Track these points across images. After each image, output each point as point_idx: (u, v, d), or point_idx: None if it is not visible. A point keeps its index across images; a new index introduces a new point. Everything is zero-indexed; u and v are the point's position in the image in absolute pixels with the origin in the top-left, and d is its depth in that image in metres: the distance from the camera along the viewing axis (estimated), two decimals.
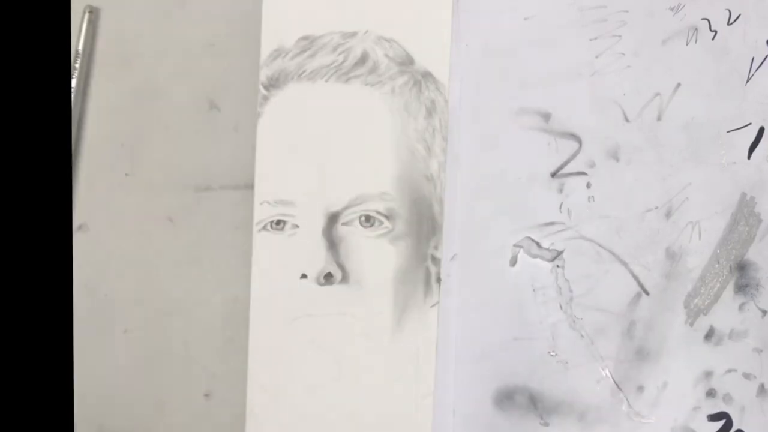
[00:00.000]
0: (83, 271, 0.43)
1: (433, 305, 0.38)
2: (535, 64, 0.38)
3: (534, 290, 0.37)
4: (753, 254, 0.34)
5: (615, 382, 0.35)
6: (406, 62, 0.40)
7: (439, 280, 0.38)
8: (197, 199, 0.43)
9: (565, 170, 0.37)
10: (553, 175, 0.37)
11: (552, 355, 0.36)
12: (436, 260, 0.39)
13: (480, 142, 0.39)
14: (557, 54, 0.38)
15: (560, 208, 0.37)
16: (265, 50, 0.42)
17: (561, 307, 0.36)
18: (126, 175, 0.44)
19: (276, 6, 0.42)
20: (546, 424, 0.35)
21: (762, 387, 0.33)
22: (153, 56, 0.45)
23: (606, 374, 0.35)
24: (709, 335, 0.34)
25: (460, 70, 0.40)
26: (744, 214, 0.35)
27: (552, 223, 0.37)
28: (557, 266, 0.37)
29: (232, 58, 0.43)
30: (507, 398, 0.36)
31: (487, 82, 0.39)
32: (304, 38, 0.41)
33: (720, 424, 0.34)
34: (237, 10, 0.43)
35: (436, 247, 0.39)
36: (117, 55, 0.45)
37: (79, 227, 0.44)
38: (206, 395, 0.41)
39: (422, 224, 0.39)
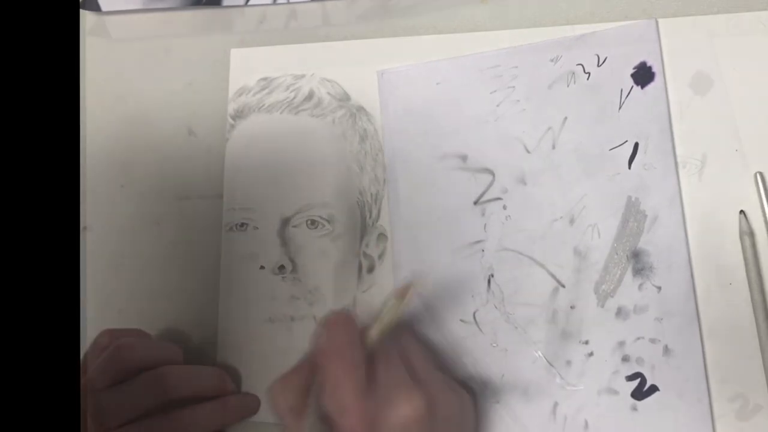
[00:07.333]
0: (88, 263, 0.45)
1: (365, 291, 0.41)
2: (449, 117, 0.41)
3: (473, 296, 0.39)
4: (644, 243, 0.37)
5: (547, 361, 0.37)
6: (344, 99, 0.43)
7: (370, 270, 0.41)
8: (178, 206, 0.44)
9: (484, 198, 0.40)
10: (476, 203, 0.40)
11: (494, 346, 0.38)
12: (367, 256, 0.41)
13: (414, 185, 0.41)
14: (466, 107, 0.41)
15: (484, 228, 0.39)
16: (232, 88, 0.45)
17: (496, 307, 0.38)
18: (121, 186, 0.46)
19: (241, 53, 0.45)
20: (497, 401, 0.37)
21: (666, 348, 0.36)
22: (144, 92, 0.47)
23: (539, 355, 0.37)
24: (618, 312, 0.37)
25: (391, 130, 0.42)
26: (632, 212, 0.38)
27: (480, 241, 0.39)
28: (490, 275, 0.39)
29: (206, 94, 0.46)
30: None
31: (414, 137, 0.41)
32: (263, 79, 0.44)
33: (636, 382, 0.36)
34: (210, 57, 0.46)
35: (367, 245, 0.41)
36: (114, 91, 0.47)
37: (84, 228, 0.45)
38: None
39: (356, 227, 0.41)
